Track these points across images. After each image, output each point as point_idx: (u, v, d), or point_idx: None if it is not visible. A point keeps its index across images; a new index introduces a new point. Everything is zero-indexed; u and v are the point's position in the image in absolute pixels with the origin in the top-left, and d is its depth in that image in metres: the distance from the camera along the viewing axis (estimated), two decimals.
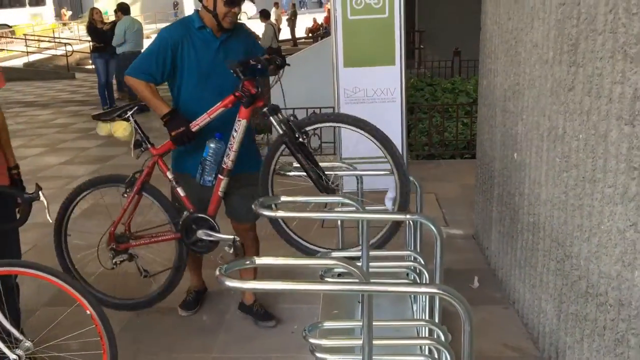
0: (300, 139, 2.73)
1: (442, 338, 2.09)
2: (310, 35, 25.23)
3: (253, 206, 2.11)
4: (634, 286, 2.02)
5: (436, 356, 2.32)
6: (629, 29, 2.03)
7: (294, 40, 24.40)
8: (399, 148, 3.94)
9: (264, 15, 15.18)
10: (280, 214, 2.45)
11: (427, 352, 2.38)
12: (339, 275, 2.62)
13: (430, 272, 2.60)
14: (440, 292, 1.75)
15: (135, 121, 3.13)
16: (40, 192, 2.34)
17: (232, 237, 2.98)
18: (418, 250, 2.76)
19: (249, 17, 29.56)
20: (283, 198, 2.33)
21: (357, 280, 1.93)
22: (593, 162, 2.31)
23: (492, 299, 3.53)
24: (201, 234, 3.04)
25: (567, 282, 2.61)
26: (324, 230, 4.36)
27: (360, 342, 1.90)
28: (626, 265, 2.07)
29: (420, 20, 14.14)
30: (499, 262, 3.74)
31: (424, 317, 2.56)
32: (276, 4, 24.86)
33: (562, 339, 2.67)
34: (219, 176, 3.00)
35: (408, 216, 2.45)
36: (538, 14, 2.89)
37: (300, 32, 25.73)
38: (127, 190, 3.15)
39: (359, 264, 2.35)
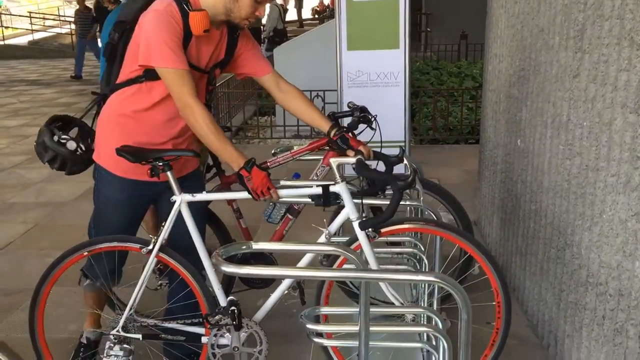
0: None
1: (440, 326, 2.08)
2: (316, 16, 25.05)
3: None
4: (634, 277, 2.00)
5: (434, 343, 2.32)
6: (636, 15, 1.99)
7: (300, 22, 24.23)
8: (403, 133, 3.92)
9: None
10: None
11: (425, 339, 2.38)
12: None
13: (430, 258, 2.59)
14: (438, 280, 1.73)
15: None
16: None
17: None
18: (419, 237, 2.74)
19: None
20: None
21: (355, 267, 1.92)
22: (597, 150, 2.28)
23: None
24: None
25: (567, 270, 2.59)
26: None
27: (357, 327, 1.89)
28: (627, 256, 2.05)
29: (427, 3, 13.99)
30: (500, 249, 3.72)
31: (423, 304, 2.55)
32: None
33: (561, 327, 2.66)
34: (288, 215, 2.91)
35: (407, 202, 2.43)
36: None
37: (307, 13, 25.54)
38: None
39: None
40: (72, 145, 2.48)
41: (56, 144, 2.46)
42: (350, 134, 2.81)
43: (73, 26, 18.22)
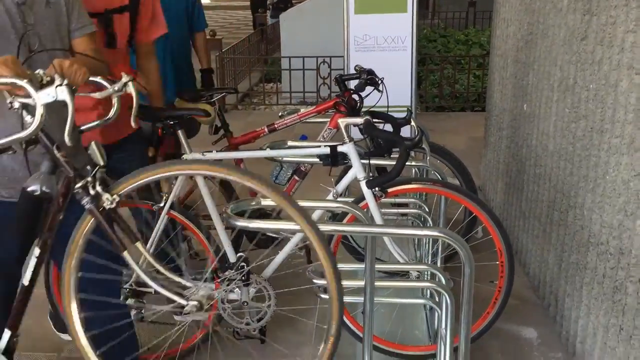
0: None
1: (443, 282, 2.14)
2: None
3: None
4: (635, 235, 2.04)
5: (437, 299, 2.38)
6: None
7: None
8: (409, 98, 3.93)
9: None
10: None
11: (428, 296, 2.44)
12: None
13: (434, 221, 2.63)
14: (442, 235, 1.78)
15: (219, 107, 3.09)
16: None
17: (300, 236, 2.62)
18: (424, 198, 2.79)
19: None
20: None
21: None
22: (602, 112, 2.30)
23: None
24: None
25: (569, 232, 2.63)
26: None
27: (363, 283, 1.95)
28: (628, 215, 2.09)
29: None
30: (504, 213, 3.77)
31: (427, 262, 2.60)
32: None
33: (562, 287, 2.71)
34: (295, 177, 2.95)
35: (413, 163, 2.46)
36: None
37: None
38: None
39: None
40: None
41: None
42: (357, 95, 2.84)
43: None
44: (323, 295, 2.35)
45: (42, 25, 1.74)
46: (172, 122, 2.37)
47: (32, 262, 1.68)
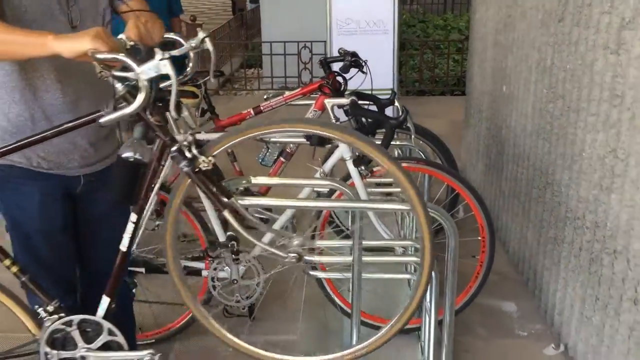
0: None
1: None
2: None
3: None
4: (610, 209, 2.14)
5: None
6: None
7: None
8: (391, 81, 4.00)
9: None
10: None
11: (412, 271, 2.52)
12: None
13: None
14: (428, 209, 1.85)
15: (205, 89, 3.10)
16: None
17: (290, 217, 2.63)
18: None
19: None
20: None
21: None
22: (578, 92, 2.38)
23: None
24: (252, 211, 2.99)
25: (547, 208, 2.73)
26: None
27: (351, 258, 2.01)
28: (604, 189, 2.18)
29: None
30: (484, 194, 3.85)
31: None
32: None
33: (541, 262, 2.82)
34: (281, 159, 3.00)
35: (398, 142, 2.53)
36: None
37: None
38: None
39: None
40: None
41: None
42: (341, 78, 2.89)
43: None
44: (312, 272, 2.42)
45: (83, 0, 1.73)
46: (159, 104, 2.39)
47: (129, 228, 1.69)
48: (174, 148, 1.56)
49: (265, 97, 3.13)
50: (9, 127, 1.69)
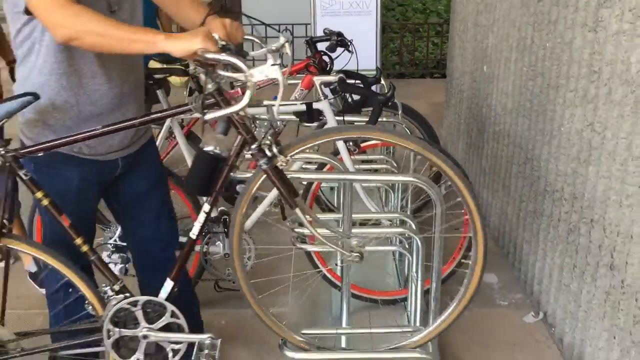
0: None
1: (414, 227, 2.30)
2: None
3: None
4: (587, 180, 2.24)
5: (407, 246, 2.55)
6: None
7: None
8: (374, 61, 4.06)
9: None
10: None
11: (397, 243, 2.60)
12: None
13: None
14: (414, 179, 1.92)
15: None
16: None
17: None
18: (391, 154, 2.94)
19: None
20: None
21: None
22: (557, 69, 2.47)
23: (456, 205, 3.76)
24: (240, 188, 3.02)
25: (527, 183, 2.83)
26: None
27: (340, 230, 2.08)
28: (581, 162, 2.28)
29: None
30: (465, 172, 3.96)
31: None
32: None
33: (520, 235, 2.92)
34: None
35: (384, 119, 2.59)
36: None
37: None
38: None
39: None
40: None
41: None
42: (327, 57, 2.95)
43: None
44: (301, 245, 2.49)
45: None
46: (150, 82, 2.43)
47: (201, 217, 1.76)
48: (254, 146, 1.63)
49: None
50: (54, 112, 1.72)
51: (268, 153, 1.64)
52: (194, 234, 1.79)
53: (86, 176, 1.81)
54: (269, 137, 1.64)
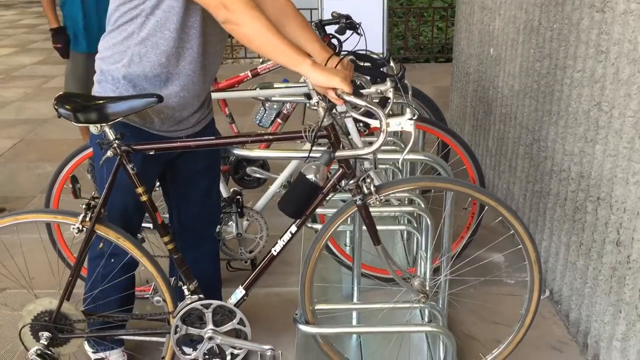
0: None
1: (422, 205, 2.34)
2: None
3: None
4: (594, 159, 2.27)
5: (415, 225, 2.59)
6: None
7: None
8: (381, 44, 4.08)
9: None
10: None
11: (405, 222, 2.65)
12: None
13: None
14: (425, 157, 1.98)
15: None
16: None
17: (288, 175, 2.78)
18: (399, 136, 2.98)
19: None
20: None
21: None
22: (565, 50, 2.50)
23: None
24: (250, 170, 3.08)
25: (533, 163, 2.87)
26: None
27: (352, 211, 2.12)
28: (588, 141, 2.31)
29: None
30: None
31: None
32: None
33: (527, 214, 2.97)
34: (278, 120, 3.06)
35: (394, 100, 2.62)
36: None
37: None
38: None
39: None
40: None
41: None
42: (335, 40, 2.97)
43: None
44: (311, 225, 2.53)
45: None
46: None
47: (285, 237, 1.85)
48: (352, 181, 1.73)
49: (261, 60, 3.20)
50: (141, 82, 1.78)
51: (365, 190, 1.72)
52: (276, 250, 1.87)
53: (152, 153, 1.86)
54: (371, 175, 1.74)
